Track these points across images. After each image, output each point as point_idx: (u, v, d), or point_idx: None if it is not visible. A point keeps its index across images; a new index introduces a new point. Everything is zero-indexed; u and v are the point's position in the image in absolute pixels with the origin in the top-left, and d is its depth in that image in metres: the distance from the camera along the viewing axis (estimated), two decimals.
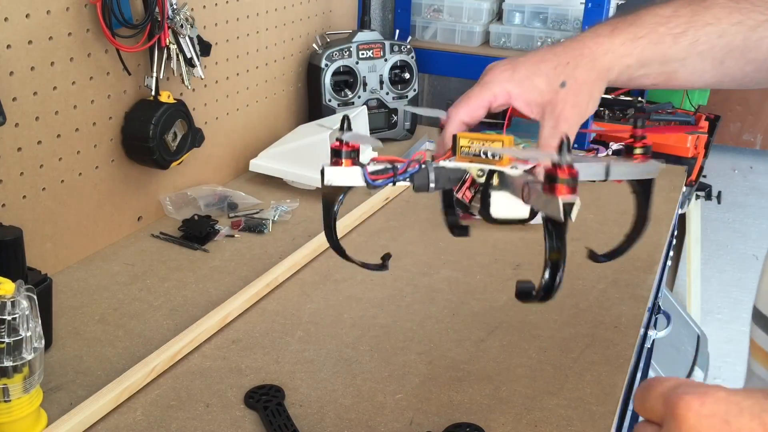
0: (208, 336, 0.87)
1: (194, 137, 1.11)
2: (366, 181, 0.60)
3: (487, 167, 0.62)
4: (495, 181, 0.62)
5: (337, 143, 0.60)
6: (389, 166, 0.61)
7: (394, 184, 0.62)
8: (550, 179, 0.53)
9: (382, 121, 1.49)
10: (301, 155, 1.24)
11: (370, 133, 1.36)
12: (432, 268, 1.05)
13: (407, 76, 1.51)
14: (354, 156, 0.60)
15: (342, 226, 1.12)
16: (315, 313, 0.94)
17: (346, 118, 0.60)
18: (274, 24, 1.33)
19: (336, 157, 0.60)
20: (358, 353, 0.86)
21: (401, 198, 1.26)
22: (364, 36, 1.46)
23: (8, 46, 0.86)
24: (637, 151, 0.66)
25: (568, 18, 1.61)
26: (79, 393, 0.78)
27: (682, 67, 0.70)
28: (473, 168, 0.63)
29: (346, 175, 0.61)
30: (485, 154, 0.62)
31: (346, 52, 1.42)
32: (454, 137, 0.64)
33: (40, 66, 0.90)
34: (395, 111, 1.49)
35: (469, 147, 0.63)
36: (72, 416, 0.73)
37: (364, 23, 1.49)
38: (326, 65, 1.40)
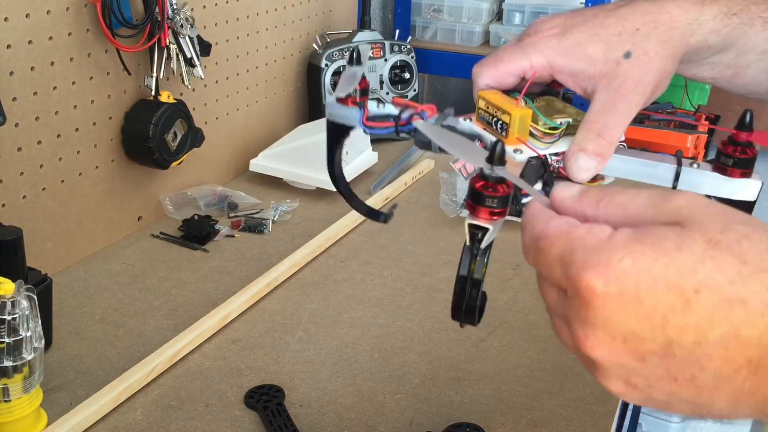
0: (208, 336, 0.87)
1: (194, 137, 1.11)
2: (360, 124, 0.54)
3: (492, 139, 0.54)
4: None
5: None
6: (393, 112, 0.54)
7: (398, 134, 0.55)
8: (473, 194, 0.47)
9: None
10: (301, 155, 1.24)
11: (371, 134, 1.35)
12: (432, 268, 1.05)
13: (407, 76, 1.51)
14: (356, 95, 0.53)
15: (342, 226, 1.12)
16: (315, 313, 0.94)
17: (356, 50, 0.54)
18: (274, 24, 1.33)
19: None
20: (358, 353, 0.86)
21: (401, 198, 1.26)
22: (364, 36, 1.46)
23: (8, 46, 0.86)
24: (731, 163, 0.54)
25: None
26: (79, 393, 0.78)
27: (757, 62, 0.58)
28: (486, 136, 0.54)
29: (343, 113, 0.54)
30: (496, 123, 0.54)
31: (346, 52, 1.42)
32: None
33: (40, 66, 0.90)
34: None
35: (486, 111, 0.54)
36: (72, 416, 0.73)
37: (364, 23, 1.49)
38: (326, 65, 1.40)
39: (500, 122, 0.53)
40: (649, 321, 0.35)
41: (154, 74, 1.04)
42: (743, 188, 0.54)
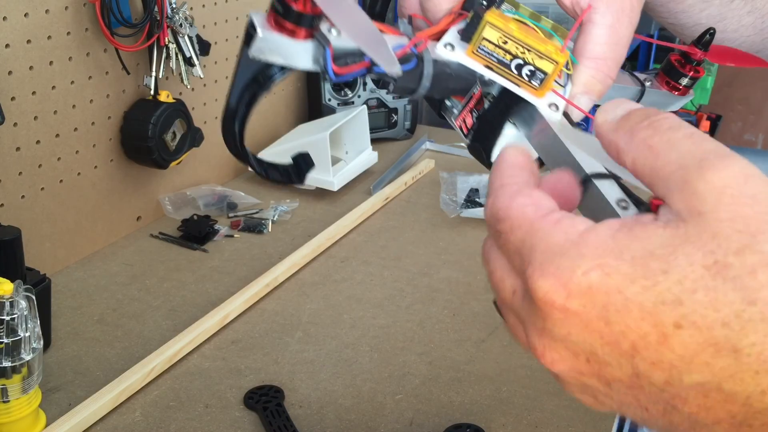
0: (207, 336, 0.87)
1: (193, 137, 1.11)
2: (325, 69, 0.38)
3: (514, 89, 0.42)
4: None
5: None
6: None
7: (369, 73, 0.40)
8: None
9: (382, 120, 1.48)
10: None
11: (370, 133, 1.35)
12: (432, 268, 1.05)
13: None
14: (313, 24, 0.38)
15: (342, 226, 1.12)
16: (315, 313, 0.93)
17: None
18: None
19: (282, 14, 0.38)
20: (358, 354, 0.86)
21: (401, 198, 1.26)
22: None
23: (7, 46, 0.85)
24: (684, 81, 0.52)
25: (569, 17, 1.61)
26: (77, 393, 0.77)
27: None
28: (499, 79, 0.42)
29: (289, 50, 0.39)
30: (519, 68, 0.41)
31: None
32: (475, 14, 0.41)
33: (38, 65, 0.90)
34: (395, 110, 1.49)
35: (497, 45, 0.41)
36: (71, 417, 0.72)
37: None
38: None
39: (530, 68, 0.41)
40: (615, 346, 0.29)
41: (153, 74, 1.04)
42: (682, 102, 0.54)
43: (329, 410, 0.77)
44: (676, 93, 0.53)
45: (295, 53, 0.39)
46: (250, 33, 0.39)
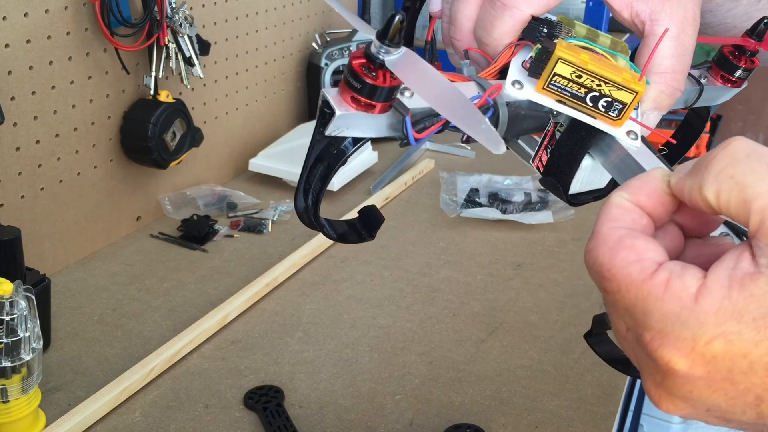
0: (207, 336, 0.87)
1: (193, 137, 1.11)
2: (406, 136, 0.37)
3: (591, 122, 0.40)
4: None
5: (368, 62, 0.35)
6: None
7: (446, 127, 0.39)
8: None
9: None
10: (301, 155, 1.22)
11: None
12: (432, 268, 1.04)
13: None
14: (392, 96, 0.37)
15: None
16: (314, 313, 0.93)
17: (400, 15, 0.34)
18: (274, 23, 1.33)
19: (358, 90, 0.36)
20: (357, 354, 0.86)
21: (401, 198, 1.26)
22: (364, 35, 1.45)
23: (6, 45, 0.85)
24: (739, 73, 0.50)
25: (569, 17, 1.61)
26: (77, 394, 0.77)
27: None
28: (573, 113, 0.40)
29: (367, 123, 0.37)
30: (595, 100, 0.39)
31: (346, 51, 1.42)
32: (543, 48, 0.39)
33: (38, 65, 0.90)
34: None
35: (570, 79, 0.39)
36: (70, 417, 0.72)
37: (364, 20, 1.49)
38: (326, 64, 1.40)
39: (607, 100, 0.39)
40: (739, 400, 0.31)
41: (153, 73, 1.04)
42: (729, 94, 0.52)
43: (329, 410, 0.77)
44: (730, 86, 0.51)
45: (372, 126, 0.38)
46: (325, 112, 0.37)
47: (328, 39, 1.47)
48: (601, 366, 0.85)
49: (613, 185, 0.44)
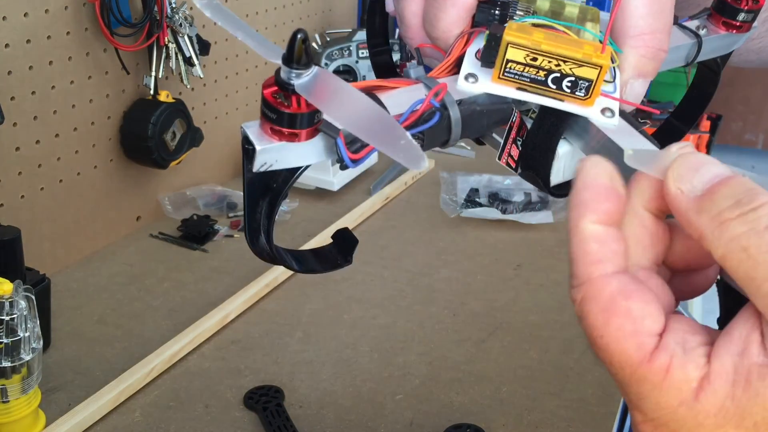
0: (207, 337, 0.87)
1: (193, 137, 1.11)
2: (341, 159, 0.34)
3: (558, 105, 0.37)
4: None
5: (280, 89, 0.32)
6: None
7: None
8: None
9: None
10: None
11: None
12: (432, 268, 1.04)
13: None
14: (314, 121, 0.33)
15: (341, 226, 1.11)
16: (315, 313, 0.93)
17: (301, 33, 0.31)
18: (274, 23, 1.33)
19: (276, 121, 0.33)
20: (357, 354, 0.86)
21: (401, 198, 1.26)
22: (364, 35, 1.45)
23: (6, 45, 0.85)
24: (742, 16, 0.46)
25: None
26: (77, 394, 0.77)
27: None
28: (537, 99, 0.37)
29: (296, 153, 0.34)
30: (557, 81, 0.36)
31: (345, 51, 1.42)
32: (491, 35, 0.36)
33: (38, 65, 0.90)
34: None
35: (526, 64, 0.36)
36: (70, 417, 0.72)
37: (363, 22, 1.49)
38: (326, 64, 1.40)
39: (570, 79, 0.36)
40: None
41: (153, 73, 1.04)
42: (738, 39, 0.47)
43: (329, 410, 0.77)
44: (735, 32, 0.47)
45: (304, 153, 0.34)
46: (246, 148, 0.34)
47: (328, 39, 1.47)
48: (601, 366, 0.84)
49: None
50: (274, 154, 0.33)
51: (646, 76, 0.39)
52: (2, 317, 0.65)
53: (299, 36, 0.31)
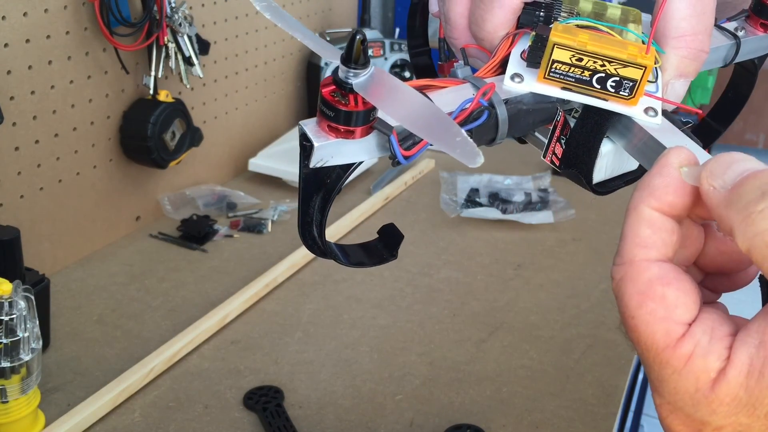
0: (206, 337, 0.87)
1: (193, 136, 1.11)
2: (394, 156, 0.35)
3: (602, 105, 0.38)
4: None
5: (338, 88, 0.34)
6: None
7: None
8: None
9: None
10: None
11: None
12: (432, 268, 1.04)
13: (407, 75, 1.50)
14: (369, 119, 0.34)
15: (340, 226, 1.12)
16: (314, 313, 0.93)
17: (360, 34, 0.33)
18: (273, 22, 1.33)
19: (333, 119, 0.34)
20: (357, 354, 0.86)
21: (401, 198, 1.26)
22: (368, 35, 1.45)
23: (6, 45, 0.85)
24: None
25: None
26: (77, 394, 0.77)
27: None
28: (581, 99, 0.38)
29: (351, 150, 0.35)
30: (602, 81, 0.37)
31: None
32: (537, 36, 0.37)
33: (37, 65, 0.90)
34: None
35: (571, 64, 0.37)
36: (70, 417, 0.72)
37: (363, 21, 1.49)
38: (326, 64, 1.40)
39: (615, 79, 0.37)
40: None
41: (153, 73, 1.04)
42: None
43: (329, 411, 0.77)
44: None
45: (358, 150, 0.35)
46: (304, 144, 0.35)
47: (328, 39, 1.47)
48: (601, 366, 0.85)
49: (644, 168, 0.40)
50: (330, 150, 0.35)
51: (688, 76, 0.40)
52: (2, 317, 0.65)
53: (358, 37, 0.32)
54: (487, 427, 0.75)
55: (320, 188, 0.37)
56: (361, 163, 0.36)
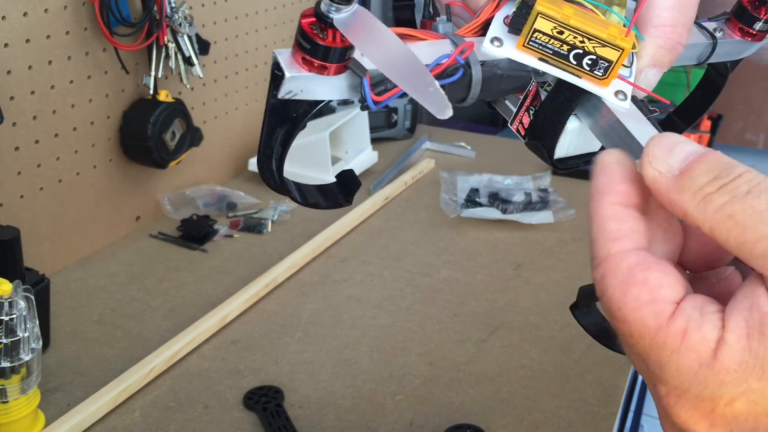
0: (206, 337, 0.87)
1: (193, 136, 1.11)
2: (364, 98, 0.34)
3: (575, 81, 0.38)
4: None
5: (318, 21, 0.33)
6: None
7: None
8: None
9: (382, 120, 1.48)
10: (301, 154, 1.23)
11: (370, 133, 1.35)
12: (432, 268, 1.04)
13: None
14: (345, 57, 0.34)
15: (342, 226, 1.12)
16: (314, 313, 0.93)
17: None
18: (273, 22, 1.33)
19: (309, 51, 0.34)
20: (357, 354, 0.86)
21: (401, 198, 1.26)
22: None
23: (6, 45, 0.85)
24: (759, 25, 0.46)
25: None
26: (77, 394, 0.77)
27: None
28: (556, 72, 0.38)
29: (322, 86, 0.35)
30: (579, 57, 0.37)
31: None
32: (522, 2, 0.37)
33: (37, 65, 0.90)
34: (395, 110, 1.49)
35: (551, 36, 0.37)
36: (70, 417, 0.72)
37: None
38: None
39: (591, 57, 0.37)
40: None
41: (153, 73, 1.04)
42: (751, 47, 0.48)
43: (329, 411, 0.77)
44: (750, 39, 0.47)
45: (329, 88, 0.35)
46: (276, 74, 0.34)
47: None
48: (601, 366, 0.85)
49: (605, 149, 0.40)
50: (301, 83, 0.34)
51: (661, 66, 0.40)
52: (1, 317, 0.65)
53: None
54: (487, 427, 0.75)
55: (285, 121, 0.37)
56: (330, 101, 0.36)
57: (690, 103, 0.52)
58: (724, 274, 0.34)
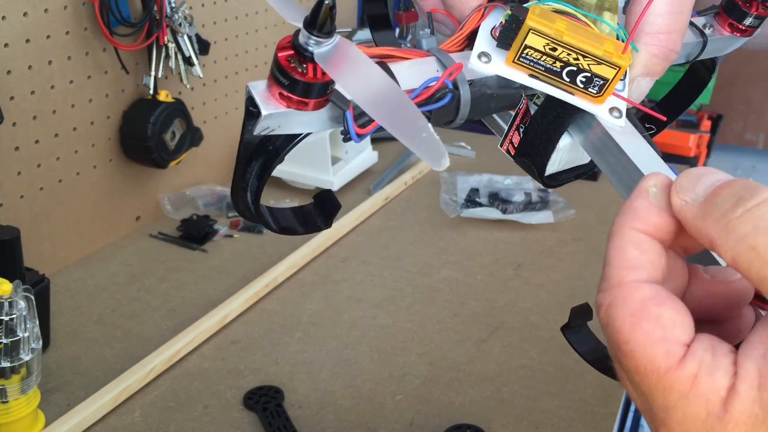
0: (206, 337, 0.87)
1: (193, 136, 1.11)
2: (347, 131, 0.32)
3: (568, 99, 0.36)
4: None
5: (296, 53, 0.31)
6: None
7: None
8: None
9: None
10: (300, 155, 1.23)
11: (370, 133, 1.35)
12: (432, 268, 1.04)
13: None
14: (326, 92, 0.31)
15: (342, 226, 1.12)
16: (314, 313, 0.93)
17: (328, 6, 0.29)
18: (273, 22, 1.33)
19: (287, 87, 0.31)
20: (357, 354, 0.86)
21: (401, 198, 1.26)
22: (363, 34, 1.45)
23: (6, 45, 0.85)
24: (749, 21, 0.45)
25: None
26: (77, 394, 0.77)
27: None
28: (548, 89, 0.36)
29: (301, 121, 0.33)
30: (572, 75, 0.35)
31: None
32: (512, 16, 0.35)
33: (37, 65, 0.90)
34: None
35: (543, 52, 0.35)
36: (70, 417, 0.72)
37: (363, 22, 1.49)
38: None
39: (586, 75, 0.35)
40: None
41: (153, 73, 1.04)
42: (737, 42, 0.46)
43: (329, 411, 0.77)
44: (739, 35, 0.46)
45: (309, 122, 0.32)
46: (251, 110, 0.32)
47: None
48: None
49: (595, 163, 0.39)
50: (278, 119, 0.32)
51: (654, 75, 0.38)
52: (2, 317, 0.65)
53: (326, 2, 0.28)
54: (487, 427, 0.75)
55: (261, 155, 0.34)
56: (309, 133, 0.33)
57: (673, 96, 0.51)
58: (725, 275, 0.33)
